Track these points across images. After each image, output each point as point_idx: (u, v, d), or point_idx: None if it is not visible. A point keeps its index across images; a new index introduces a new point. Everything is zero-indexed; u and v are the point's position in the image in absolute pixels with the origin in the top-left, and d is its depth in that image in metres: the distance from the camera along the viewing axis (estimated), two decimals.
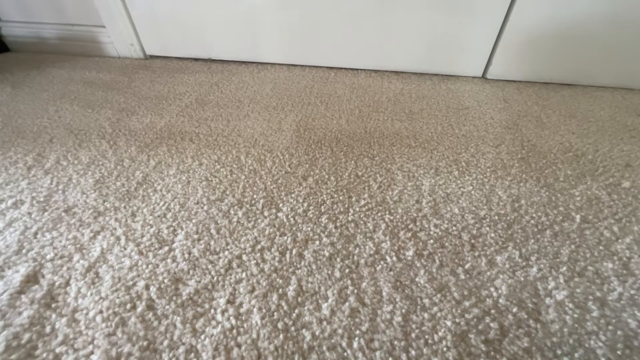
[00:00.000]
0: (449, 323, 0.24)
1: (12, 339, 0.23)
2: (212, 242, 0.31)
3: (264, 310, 0.25)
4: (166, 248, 0.30)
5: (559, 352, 0.23)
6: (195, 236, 0.31)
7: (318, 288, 0.27)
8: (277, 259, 0.29)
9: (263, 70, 0.70)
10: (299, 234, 0.32)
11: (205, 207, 0.34)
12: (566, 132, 0.50)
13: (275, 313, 0.25)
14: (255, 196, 0.36)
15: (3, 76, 0.66)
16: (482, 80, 0.67)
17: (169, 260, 0.29)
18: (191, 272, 0.28)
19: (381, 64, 0.69)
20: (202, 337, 0.23)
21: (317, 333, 0.23)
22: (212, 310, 0.25)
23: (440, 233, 0.32)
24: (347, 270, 0.28)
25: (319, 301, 0.26)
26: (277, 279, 0.27)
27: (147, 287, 0.27)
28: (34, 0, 0.72)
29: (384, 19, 0.63)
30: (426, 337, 0.23)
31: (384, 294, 0.26)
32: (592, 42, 0.59)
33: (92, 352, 0.22)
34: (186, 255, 0.29)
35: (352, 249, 0.30)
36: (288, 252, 0.30)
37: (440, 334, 0.24)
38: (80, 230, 0.32)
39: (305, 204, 0.35)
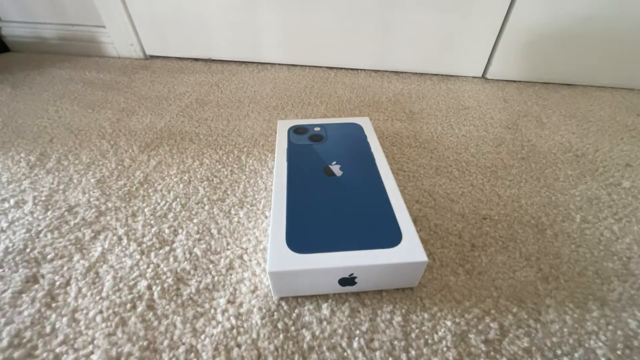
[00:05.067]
0: (449, 323, 0.24)
1: (14, 335, 0.23)
2: (212, 242, 0.31)
3: (264, 310, 0.25)
4: (167, 248, 0.30)
5: (558, 352, 0.23)
6: (197, 236, 0.31)
7: None
8: None
9: (263, 70, 0.70)
10: None
11: (207, 207, 0.34)
12: (566, 132, 0.50)
13: (275, 313, 0.25)
14: (256, 196, 0.36)
15: (3, 76, 0.66)
16: (482, 80, 0.67)
17: (170, 260, 0.29)
18: (192, 272, 0.28)
19: (381, 64, 0.69)
20: (202, 337, 0.23)
21: (317, 333, 0.24)
22: (213, 310, 0.25)
23: (440, 233, 0.32)
24: None
25: (319, 301, 0.26)
26: None
27: (148, 287, 0.27)
28: (34, 0, 0.72)
29: (384, 19, 0.63)
30: (426, 337, 0.23)
31: (384, 293, 0.26)
32: (592, 42, 0.59)
33: (92, 352, 0.22)
34: (187, 255, 0.29)
35: None
36: None
37: (440, 334, 0.24)
38: (82, 230, 0.32)
39: None
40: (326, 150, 0.35)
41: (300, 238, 0.25)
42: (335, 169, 0.32)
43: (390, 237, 0.25)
